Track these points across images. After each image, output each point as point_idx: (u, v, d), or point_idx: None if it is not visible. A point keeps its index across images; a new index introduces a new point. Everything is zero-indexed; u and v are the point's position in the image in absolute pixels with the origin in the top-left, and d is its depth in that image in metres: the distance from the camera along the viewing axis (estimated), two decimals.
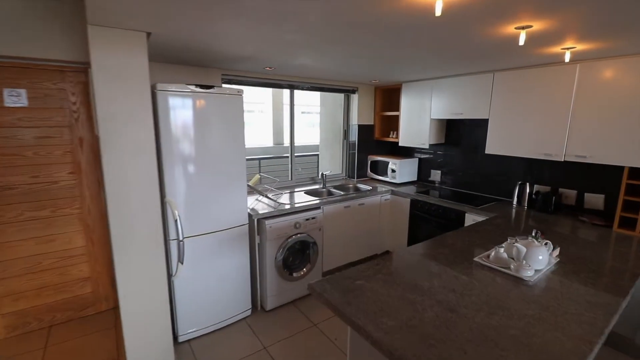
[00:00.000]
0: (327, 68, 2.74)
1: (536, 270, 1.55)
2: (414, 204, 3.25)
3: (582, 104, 2.27)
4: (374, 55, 2.19)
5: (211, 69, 2.72)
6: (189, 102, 2.08)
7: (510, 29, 1.54)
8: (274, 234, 2.56)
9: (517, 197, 2.83)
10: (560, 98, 2.37)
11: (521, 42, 1.54)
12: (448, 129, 3.51)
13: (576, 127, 2.31)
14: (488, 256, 1.72)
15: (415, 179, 3.88)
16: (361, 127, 3.87)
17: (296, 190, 3.34)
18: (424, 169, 3.83)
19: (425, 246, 1.90)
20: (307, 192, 3.27)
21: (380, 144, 4.11)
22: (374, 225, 3.44)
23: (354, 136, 3.90)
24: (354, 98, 3.80)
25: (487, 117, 2.83)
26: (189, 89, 2.06)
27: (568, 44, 1.86)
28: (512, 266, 1.57)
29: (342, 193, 3.29)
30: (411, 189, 3.50)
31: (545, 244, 1.63)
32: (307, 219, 2.76)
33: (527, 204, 2.77)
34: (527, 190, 2.77)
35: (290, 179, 3.61)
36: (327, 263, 3.09)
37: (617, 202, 2.42)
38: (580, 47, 1.85)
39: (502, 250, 1.65)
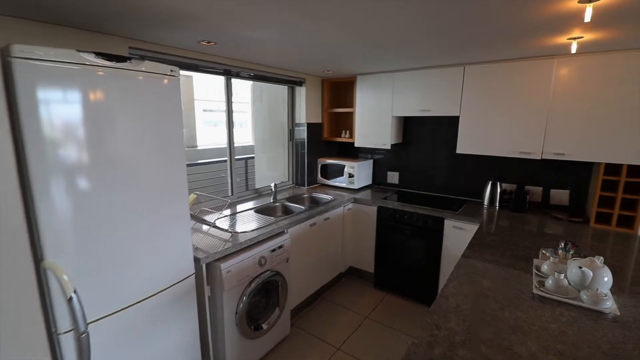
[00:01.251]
0: (280, 50, 2.08)
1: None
2: (382, 212, 2.87)
3: (560, 100, 2.21)
4: (367, 33, 1.66)
5: (113, 37, 1.74)
6: (81, 83, 1.16)
7: (573, 3, 1.22)
8: (233, 280, 1.79)
9: (489, 197, 2.72)
10: (537, 94, 2.28)
11: (587, 18, 1.23)
12: (405, 127, 3.25)
13: (554, 124, 2.25)
14: (542, 283, 1.40)
15: (371, 182, 3.53)
16: (309, 126, 3.31)
17: (242, 209, 2.57)
18: (378, 171, 3.51)
19: (456, 281, 1.48)
20: (259, 211, 2.54)
21: (329, 145, 3.62)
22: (337, 240, 2.94)
23: (302, 136, 3.30)
24: (301, 91, 3.20)
25: (457, 115, 2.63)
26: (82, 59, 1.15)
27: (576, 33, 1.69)
28: (584, 297, 1.27)
29: (302, 207, 2.67)
30: (370, 194, 3.12)
31: (601, 260, 1.39)
32: (273, 250, 2.06)
33: (499, 203, 2.68)
34: (499, 190, 2.68)
35: (230, 194, 2.80)
36: (294, 299, 2.45)
37: (583, 196, 2.50)
38: (588, 36, 1.70)
39: (562, 276, 1.34)
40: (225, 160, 2.81)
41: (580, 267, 1.31)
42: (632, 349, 1.03)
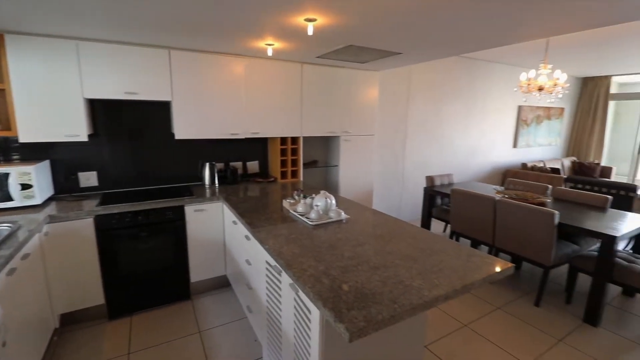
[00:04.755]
0: None
1: None
2: (103, 221, 2.24)
3: (250, 92, 2.87)
4: None
5: None
6: None
7: (300, 19, 1.76)
8: None
9: (210, 177, 2.97)
10: (237, 85, 2.79)
11: (309, 32, 1.81)
12: (94, 113, 2.59)
13: (250, 110, 2.90)
14: (308, 218, 1.99)
15: (54, 192, 2.50)
16: None
17: None
18: (59, 175, 2.55)
19: (281, 243, 1.74)
20: None
21: None
22: (41, 284, 1.94)
23: None
24: None
25: (169, 99, 2.56)
26: None
27: (269, 41, 2.33)
28: (332, 215, 2.02)
29: None
30: (57, 208, 2.28)
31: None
32: None
33: (218, 181, 3.02)
34: (216, 170, 3.00)
35: None
36: None
37: (265, 163, 3.45)
38: (277, 45, 2.39)
39: (318, 208, 2.01)
40: None
41: (326, 198, 2.05)
42: (371, 228, 1.88)
